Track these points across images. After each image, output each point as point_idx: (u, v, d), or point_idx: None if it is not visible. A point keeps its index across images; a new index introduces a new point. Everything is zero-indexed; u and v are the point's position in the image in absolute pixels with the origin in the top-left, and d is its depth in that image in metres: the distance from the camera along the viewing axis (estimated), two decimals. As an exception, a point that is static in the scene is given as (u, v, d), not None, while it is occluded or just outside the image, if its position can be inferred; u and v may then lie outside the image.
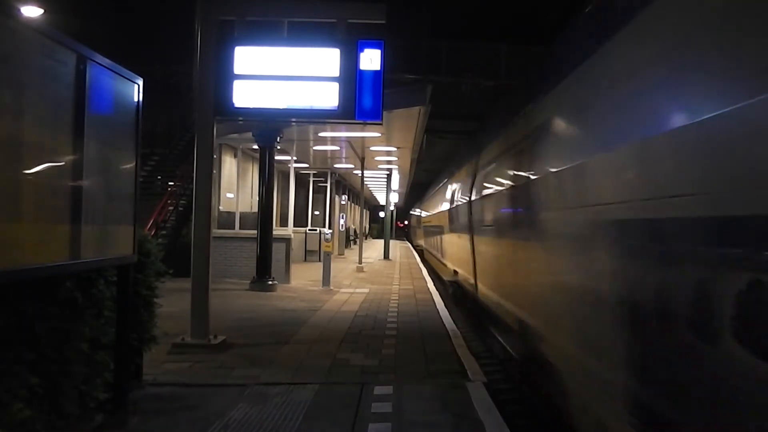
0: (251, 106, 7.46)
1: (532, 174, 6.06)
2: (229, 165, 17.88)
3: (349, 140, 16.66)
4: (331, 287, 14.00)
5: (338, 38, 7.49)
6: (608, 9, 4.40)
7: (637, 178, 3.35)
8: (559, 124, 5.47)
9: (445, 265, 19.43)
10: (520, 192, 6.77)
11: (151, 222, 15.39)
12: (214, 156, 8.44)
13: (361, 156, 19.69)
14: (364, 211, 35.53)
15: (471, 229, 11.62)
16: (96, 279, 4.41)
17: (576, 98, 4.88)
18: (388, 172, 25.64)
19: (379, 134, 15.16)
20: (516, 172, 7.20)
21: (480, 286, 10.92)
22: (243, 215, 15.96)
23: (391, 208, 31.69)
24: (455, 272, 15.73)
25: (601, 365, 3.99)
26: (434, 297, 13.82)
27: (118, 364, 4.59)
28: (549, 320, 5.62)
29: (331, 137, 16.30)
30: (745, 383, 2.36)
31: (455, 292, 16.12)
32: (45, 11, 12.60)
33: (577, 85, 4.86)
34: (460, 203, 13.89)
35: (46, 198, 3.70)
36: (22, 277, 3.51)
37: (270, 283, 13.20)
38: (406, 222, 67.53)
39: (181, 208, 16.70)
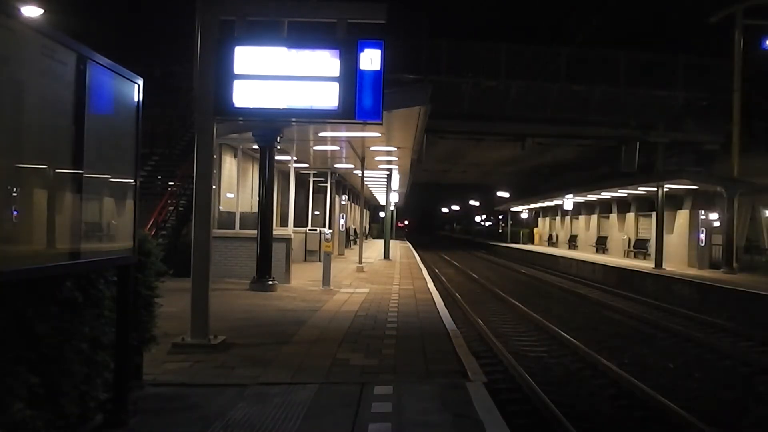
0: (251, 106, 7.46)
1: None
2: (229, 165, 17.88)
3: (349, 140, 16.66)
4: (331, 287, 14.00)
5: (338, 38, 7.49)
6: None
7: None
8: None
9: None
10: None
11: (151, 222, 15.37)
12: (214, 156, 8.43)
13: (361, 156, 19.69)
14: (365, 211, 35.51)
15: None
16: (96, 279, 4.41)
17: None
18: (388, 172, 25.64)
19: (379, 134, 15.16)
20: None
21: None
22: (243, 215, 15.95)
23: (392, 208, 31.68)
24: None
25: None
26: (434, 297, 13.82)
27: (118, 364, 4.59)
28: None
29: (331, 137, 16.29)
30: None
31: None
32: (45, 11, 12.60)
33: None
34: None
35: (45, 198, 3.69)
36: (22, 278, 3.50)
37: (270, 283, 13.19)
38: (406, 222, 67.44)
39: (181, 208, 16.67)
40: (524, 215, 56.68)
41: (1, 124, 3.24)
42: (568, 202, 36.91)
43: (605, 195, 32.22)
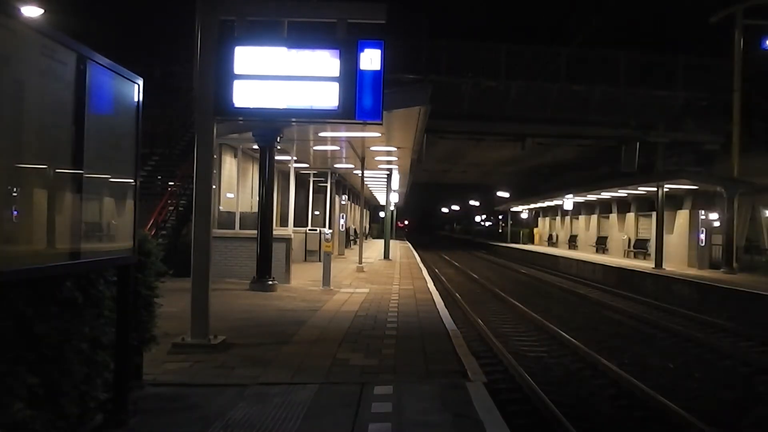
0: (251, 106, 7.46)
1: None
2: (229, 165, 17.87)
3: (349, 140, 16.66)
4: (331, 287, 13.99)
5: (338, 38, 7.49)
6: None
7: None
8: None
9: None
10: None
11: (151, 222, 15.36)
12: (214, 156, 8.43)
13: (361, 156, 19.69)
14: (365, 211, 35.51)
15: None
16: (96, 279, 4.41)
17: None
18: (388, 172, 25.64)
19: (379, 134, 15.16)
20: None
21: None
22: (243, 215, 15.95)
23: (392, 208, 31.68)
24: None
25: None
26: (434, 297, 13.82)
27: (118, 364, 4.58)
28: None
29: (331, 137, 16.29)
30: None
31: None
32: (45, 11, 12.60)
33: None
34: None
35: (45, 198, 3.69)
36: (22, 278, 3.50)
37: (270, 283, 13.19)
38: (406, 222, 67.48)
39: (181, 208, 16.67)
40: (524, 215, 56.69)
41: (1, 124, 3.24)
42: (568, 202, 36.91)
43: (605, 195, 32.22)
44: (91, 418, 4.38)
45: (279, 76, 7.37)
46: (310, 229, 22.85)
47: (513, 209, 55.57)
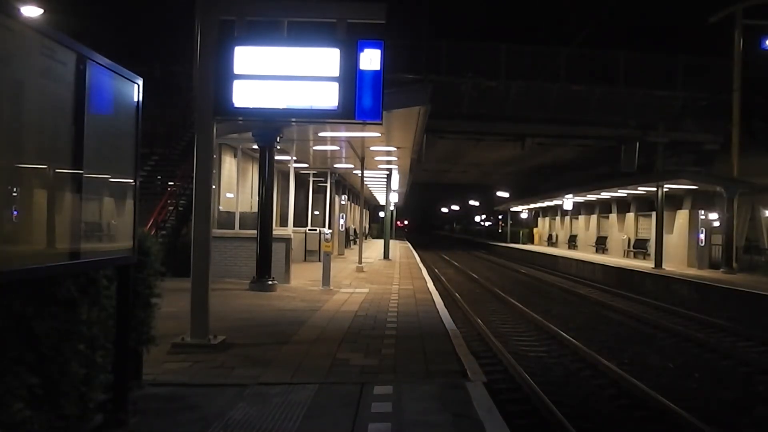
0: (251, 106, 7.46)
1: None
2: (229, 165, 17.87)
3: (348, 140, 16.66)
4: (331, 287, 13.99)
5: (338, 38, 7.49)
6: None
7: None
8: None
9: None
10: None
11: (151, 222, 15.36)
12: (214, 156, 8.44)
13: (361, 156, 19.69)
14: (364, 211, 35.50)
15: None
16: (96, 279, 4.40)
17: None
18: (387, 172, 25.64)
19: (379, 134, 15.16)
20: None
21: None
22: (243, 215, 15.95)
23: (391, 208, 31.67)
24: None
25: None
26: (434, 297, 13.82)
27: (118, 364, 4.58)
28: None
29: (331, 137, 16.29)
30: None
31: None
32: (45, 11, 12.60)
33: None
34: None
35: (45, 198, 3.69)
36: (22, 278, 3.50)
37: (270, 283, 13.19)
38: (406, 221, 67.45)
39: (181, 208, 16.67)
40: (524, 215, 56.70)
41: (0, 124, 3.23)
42: (568, 202, 36.92)
43: (605, 195, 32.23)
44: (91, 418, 4.37)
45: (279, 76, 7.37)
46: (309, 229, 22.84)
47: (513, 209, 55.58)
